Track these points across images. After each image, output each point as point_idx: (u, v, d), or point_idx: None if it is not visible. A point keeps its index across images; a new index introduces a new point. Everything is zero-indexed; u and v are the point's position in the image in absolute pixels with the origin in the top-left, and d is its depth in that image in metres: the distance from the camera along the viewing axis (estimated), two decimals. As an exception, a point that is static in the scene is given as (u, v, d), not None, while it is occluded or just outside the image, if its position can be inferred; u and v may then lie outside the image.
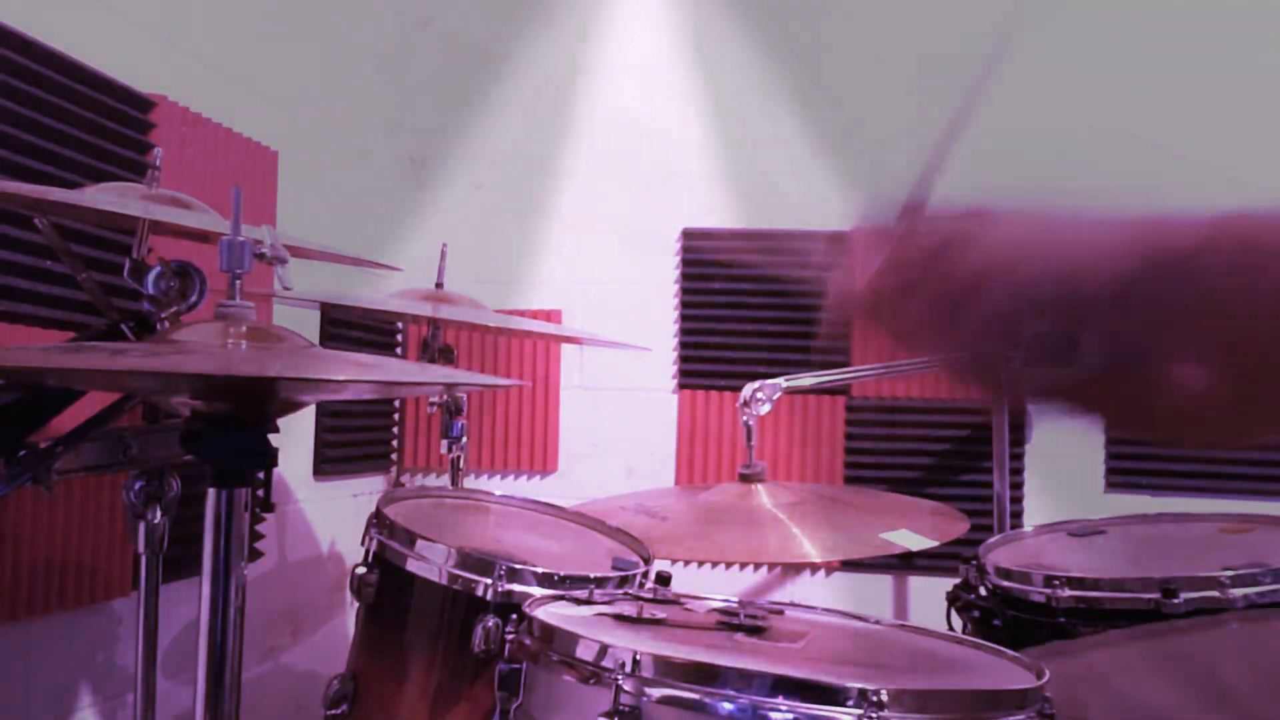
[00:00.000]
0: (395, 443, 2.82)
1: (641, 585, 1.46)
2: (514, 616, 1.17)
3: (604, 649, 1.02)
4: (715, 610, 1.27)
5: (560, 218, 2.83)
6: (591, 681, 1.01)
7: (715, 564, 2.64)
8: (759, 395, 1.92)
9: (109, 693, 1.77)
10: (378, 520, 1.49)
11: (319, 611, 2.46)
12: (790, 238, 2.69)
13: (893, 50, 2.71)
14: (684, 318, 2.76)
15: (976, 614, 1.60)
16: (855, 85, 2.72)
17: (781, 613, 1.30)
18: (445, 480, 1.94)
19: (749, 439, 1.93)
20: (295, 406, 1.16)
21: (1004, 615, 1.55)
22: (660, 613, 1.23)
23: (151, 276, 1.19)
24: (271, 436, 1.01)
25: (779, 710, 0.94)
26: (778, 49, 2.75)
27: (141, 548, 1.30)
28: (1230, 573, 1.38)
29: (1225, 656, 1.09)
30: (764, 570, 2.69)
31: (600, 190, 2.82)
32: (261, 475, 1.01)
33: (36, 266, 1.55)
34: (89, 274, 1.37)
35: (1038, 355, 0.57)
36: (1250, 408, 0.55)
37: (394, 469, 2.82)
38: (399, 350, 2.77)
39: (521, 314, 2.61)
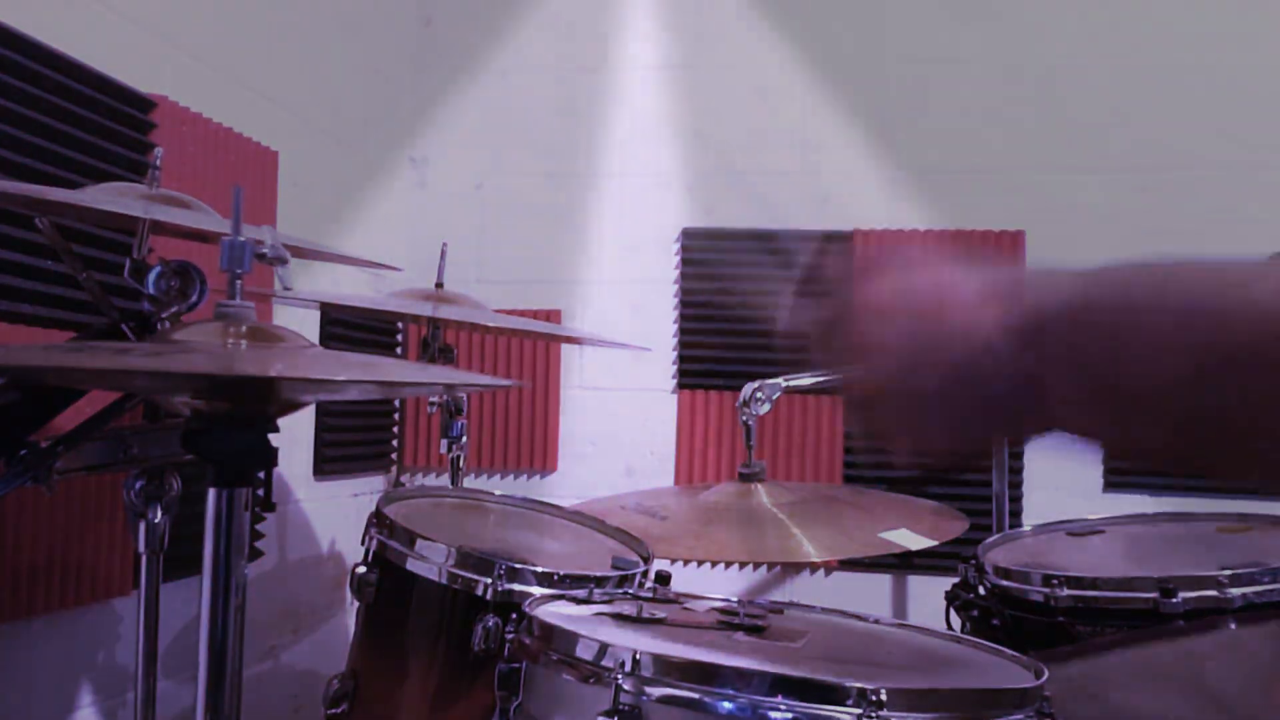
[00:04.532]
0: (395, 442, 2.82)
1: (641, 584, 1.47)
2: (514, 616, 1.18)
3: (604, 648, 1.02)
4: (715, 609, 1.27)
5: (560, 217, 2.83)
6: (591, 681, 1.01)
7: (715, 563, 2.65)
8: (758, 395, 1.92)
9: (109, 691, 1.77)
10: (378, 520, 1.49)
11: (319, 611, 2.47)
12: (790, 238, 2.70)
13: (894, 49, 2.71)
14: (684, 318, 2.77)
15: (975, 613, 1.60)
16: (857, 84, 2.72)
17: (781, 612, 1.30)
18: (445, 480, 1.94)
19: (748, 438, 1.93)
20: (295, 406, 1.16)
21: (1003, 614, 1.55)
22: (660, 612, 1.23)
23: (152, 276, 1.19)
24: (272, 436, 1.01)
25: (778, 709, 0.94)
26: (779, 48, 2.75)
27: (142, 547, 1.30)
28: (1229, 572, 1.38)
29: (1217, 660, 1.09)
30: (763, 569, 2.69)
31: (600, 190, 2.82)
32: (262, 475, 1.01)
33: (37, 266, 1.55)
34: (89, 274, 1.37)
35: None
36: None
37: (394, 469, 2.82)
38: (399, 350, 2.77)
39: (521, 314, 2.61)
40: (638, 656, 0.98)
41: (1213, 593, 1.38)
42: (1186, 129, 2.54)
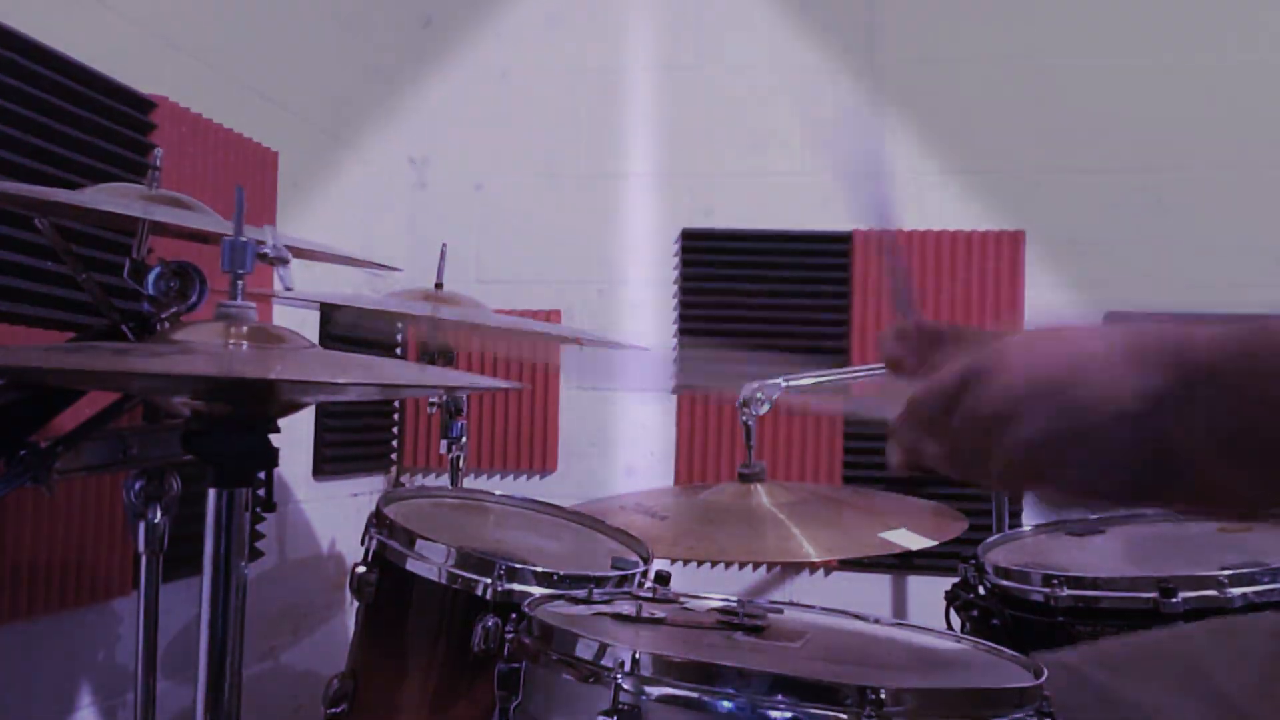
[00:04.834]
0: (395, 443, 2.82)
1: (641, 584, 1.47)
2: (513, 616, 1.18)
3: (603, 648, 1.02)
4: (714, 609, 1.27)
5: (560, 217, 2.83)
6: (591, 680, 1.01)
7: (714, 563, 2.65)
8: (758, 395, 1.92)
9: (109, 692, 1.77)
10: (377, 520, 1.49)
11: (319, 611, 2.47)
12: (790, 238, 2.70)
13: (894, 49, 2.71)
14: (683, 317, 2.77)
15: (975, 613, 1.60)
16: (856, 84, 2.72)
17: (780, 612, 1.30)
18: (445, 480, 1.94)
19: (748, 438, 1.92)
20: (296, 407, 1.16)
21: (1003, 614, 1.55)
22: (659, 612, 1.23)
23: (152, 277, 1.19)
24: (272, 436, 1.01)
25: (778, 709, 0.94)
26: (779, 48, 2.75)
27: (142, 547, 1.30)
28: (1229, 572, 1.39)
29: (1216, 657, 1.09)
30: (763, 570, 2.69)
31: (600, 189, 2.82)
32: (263, 475, 1.01)
33: (37, 267, 1.56)
34: (89, 274, 1.37)
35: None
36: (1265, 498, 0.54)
37: (394, 469, 2.82)
38: (399, 350, 2.77)
39: (521, 314, 2.61)
40: (637, 656, 0.98)
41: (1213, 592, 1.38)
42: (1186, 129, 2.53)
